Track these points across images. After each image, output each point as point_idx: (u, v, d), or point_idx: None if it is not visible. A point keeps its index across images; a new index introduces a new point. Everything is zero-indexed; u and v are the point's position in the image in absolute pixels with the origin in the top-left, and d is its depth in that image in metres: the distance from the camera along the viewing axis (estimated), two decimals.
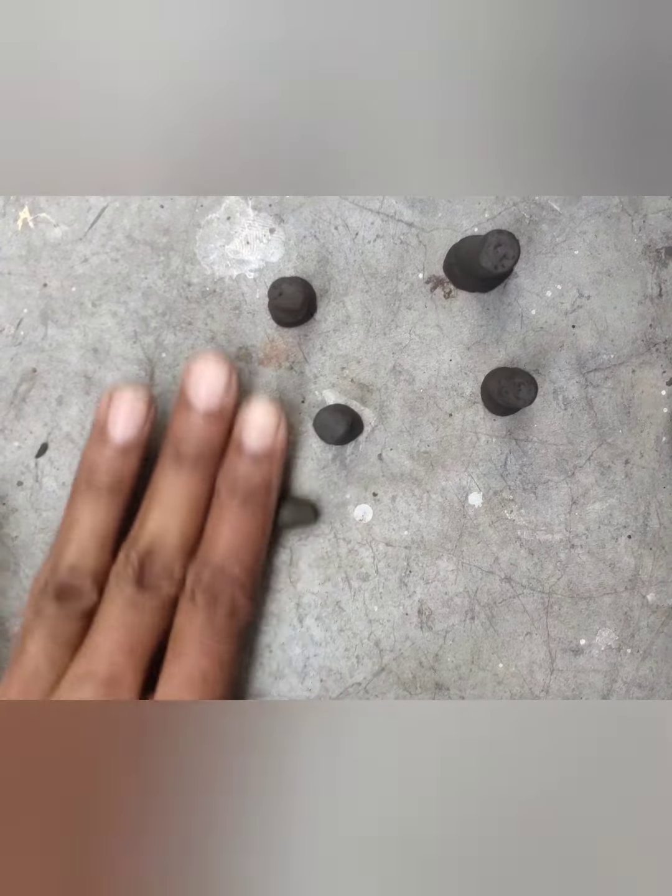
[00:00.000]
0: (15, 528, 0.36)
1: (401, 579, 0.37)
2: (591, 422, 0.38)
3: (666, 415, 0.38)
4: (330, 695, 0.37)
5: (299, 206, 0.37)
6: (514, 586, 0.38)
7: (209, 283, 0.37)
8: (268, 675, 0.37)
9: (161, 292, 0.37)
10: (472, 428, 0.37)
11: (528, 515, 0.38)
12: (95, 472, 0.32)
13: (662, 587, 0.38)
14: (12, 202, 0.36)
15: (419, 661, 0.37)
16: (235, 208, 0.37)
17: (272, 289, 0.33)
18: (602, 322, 0.38)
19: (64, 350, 0.36)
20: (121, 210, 0.36)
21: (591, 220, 0.38)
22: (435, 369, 0.37)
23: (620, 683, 0.38)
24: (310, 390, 0.37)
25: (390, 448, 0.37)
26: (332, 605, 0.37)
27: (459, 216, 0.37)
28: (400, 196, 0.37)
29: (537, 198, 0.38)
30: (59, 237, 0.36)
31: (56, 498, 0.36)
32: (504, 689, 0.37)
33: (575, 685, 0.38)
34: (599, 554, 0.38)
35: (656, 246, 0.38)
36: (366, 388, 0.37)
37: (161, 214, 0.37)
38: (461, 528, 0.37)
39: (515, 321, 0.38)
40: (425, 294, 0.37)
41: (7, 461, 0.36)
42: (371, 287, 0.37)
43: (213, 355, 0.33)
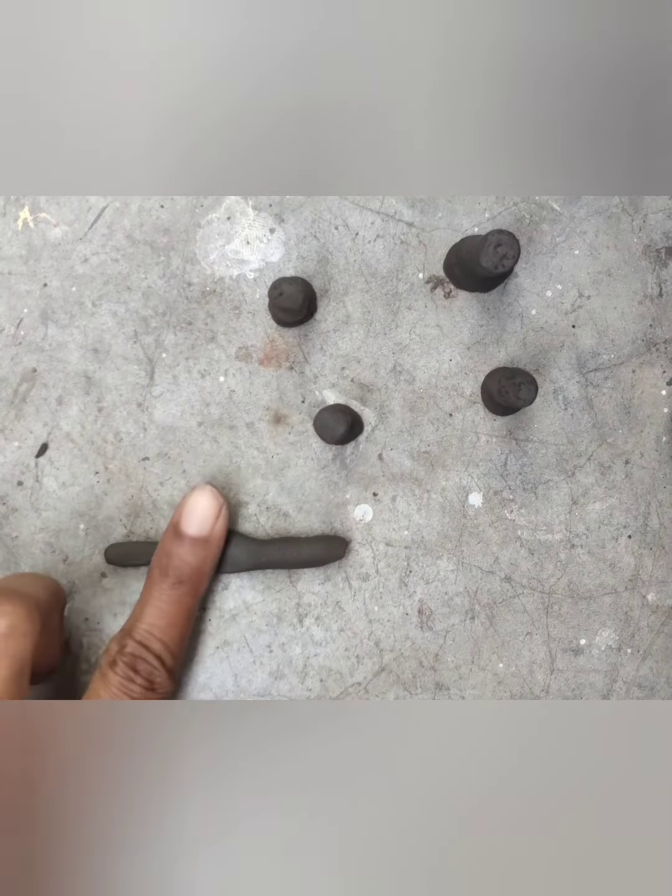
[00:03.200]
0: (15, 529, 0.36)
1: (401, 579, 0.37)
2: (592, 422, 0.38)
3: (666, 415, 0.38)
4: (330, 695, 0.37)
5: (299, 206, 0.37)
6: (515, 586, 0.38)
7: (209, 283, 0.37)
8: (268, 675, 0.37)
9: (161, 292, 0.37)
10: (472, 428, 0.37)
11: (528, 515, 0.38)
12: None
13: (662, 587, 0.38)
14: (12, 202, 0.36)
15: (419, 661, 0.37)
16: (235, 208, 0.37)
17: (272, 289, 0.33)
18: (602, 322, 0.38)
19: (64, 350, 0.36)
20: (121, 210, 0.36)
21: (591, 220, 0.38)
22: (435, 369, 0.37)
23: (620, 683, 0.38)
24: (310, 390, 0.37)
25: (390, 448, 0.37)
26: (332, 605, 0.37)
27: (460, 216, 0.37)
28: (400, 196, 0.37)
29: (537, 198, 0.38)
30: (59, 237, 0.36)
31: (56, 498, 0.36)
32: (504, 689, 0.37)
33: (575, 685, 0.38)
34: (599, 554, 0.38)
35: (656, 246, 0.38)
36: (366, 388, 0.37)
37: (161, 214, 0.37)
38: (461, 528, 0.37)
39: (516, 321, 0.38)
40: (425, 294, 0.37)
41: (7, 461, 0.36)
42: (371, 287, 0.37)
43: (208, 490, 0.34)
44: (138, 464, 0.37)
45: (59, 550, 0.36)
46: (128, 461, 0.37)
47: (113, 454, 0.36)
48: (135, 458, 0.37)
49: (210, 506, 0.34)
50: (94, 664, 0.36)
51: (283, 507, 0.37)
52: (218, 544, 0.34)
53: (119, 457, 0.36)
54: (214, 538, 0.34)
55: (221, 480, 0.37)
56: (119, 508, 0.36)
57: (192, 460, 0.37)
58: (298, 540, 0.36)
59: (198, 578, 0.33)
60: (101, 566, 0.36)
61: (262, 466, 0.37)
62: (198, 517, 0.33)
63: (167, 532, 0.34)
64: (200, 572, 0.33)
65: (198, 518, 0.33)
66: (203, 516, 0.33)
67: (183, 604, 0.33)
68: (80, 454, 0.36)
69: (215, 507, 0.34)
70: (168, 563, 0.33)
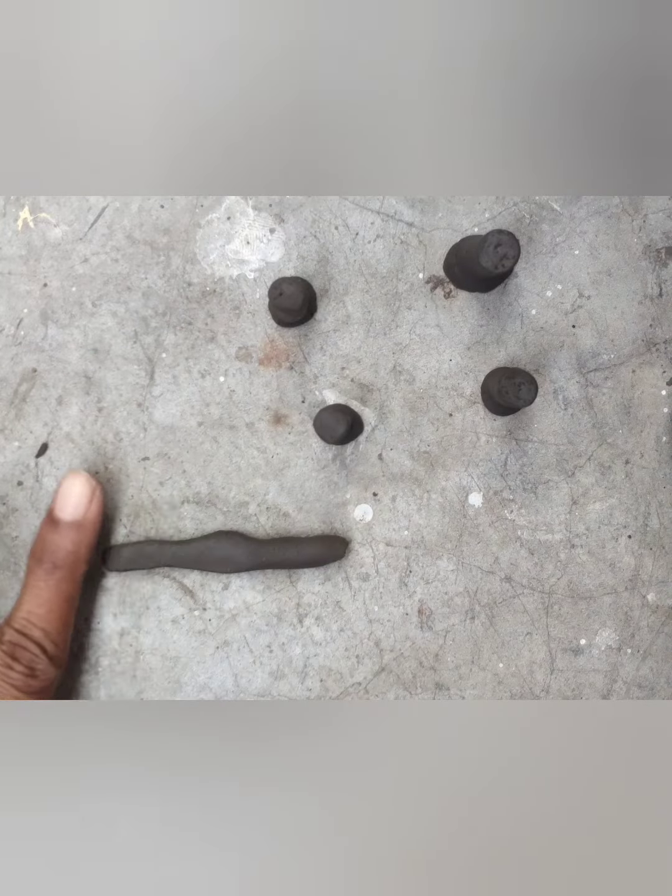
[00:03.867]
0: (15, 528, 0.36)
1: (401, 579, 0.37)
2: (592, 422, 0.38)
3: (666, 415, 0.38)
4: (330, 695, 0.37)
5: (299, 206, 0.37)
6: (515, 586, 0.37)
7: (209, 283, 0.37)
8: (268, 674, 0.37)
9: (161, 292, 0.37)
10: (472, 428, 0.37)
11: (528, 515, 0.38)
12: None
13: (662, 587, 0.38)
14: (12, 202, 0.36)
15: (419, 661, 0.37)
16: (235, 208, 0.37)
17: (272, 289, 0.33)
18: (602, 322, 0.38)
19: (64, 350, 0.36)
20: (121, 210, 0.36)
21: (591, 220, 0.38)
22: (435, 369, 0.37)
23: (620, 683, 0.38)
24: (310, 390, 0.37)
25: (390, 448, 0.37)
26: (332, 605, 0.37)
27: (460, 216, 0.37)
28: (400, 196, 0.37)
29: (537, 198, 0.38)
30: (59, 237, 0.36)
31: None
32: (504, 689, 0.37)
33: (575, 685, 0.38)
34: (599, 554, 0.38)
35: (656, 246, 0.38)
36: (366, 388, 0.37)
37: (161, 214, 0.37)
38: (461, 528, 0.37)
39: (515, 321, 0.38)
40: (425, 294, 0.37)
41: (7, 461, 0.36)
42: (371, 287, 0.37)
43: (81, 474, 0.34)
44: (138, 464, 0.37)
45: None
46: (128, 461, 0.37)
47: (113, 454, 0.36)
48: (135, 458, 0.37)
49: (83, 490, 0.34)
50: (93, 664, 0.36)
51: (283, 507, 0.37)
52: (93, 528, 0.34)
53: (119, 457, 0.36)
54: (88, 521, 0.34)
55: (221, 480, 0.37)
56: (119, 508, 0.36)
57: (192, 460, 0.37)
58: (298, 540, 0.36)
59: (73, 563, 0.33)
60: (100, 566, 0.36)
61: (262, 466, 0.37)
62: (71, 502, 0.33)
63: (43, 520, 0.34)
64: (76, 556, 0.33)
65: (71, 503, 0.33)
66: (76, 502, 0.33)
67: (61, 590, 0.33)
68: (80, 454, 0.36)
69: (88, 491, 0.34)
70: (43, 549, 0.33)
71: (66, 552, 0.33)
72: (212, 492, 0.37)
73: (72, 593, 0.34)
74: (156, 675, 0.36)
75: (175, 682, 0.37)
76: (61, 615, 0.33)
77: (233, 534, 0.36)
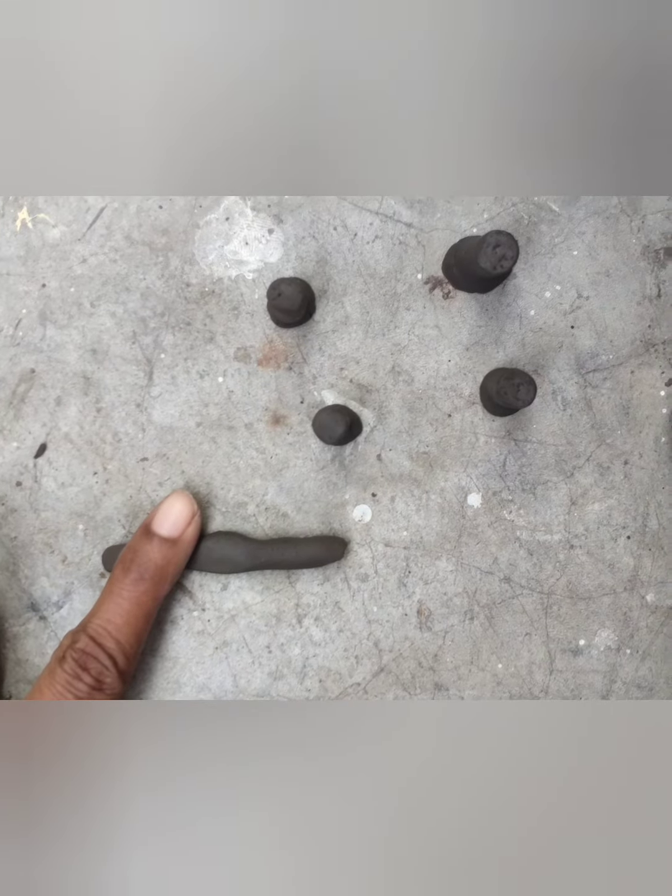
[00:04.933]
0: (14, 529, 0.36)
1: (400, 580, 0.37)
2: (590, 422, 0.38)
3: (665, 415, 0.38)
4: (329, 695, 0.37)
5: (298, 207, 0.37)
6: (514, 587, 0.37)
7: (208, 284, 0.37)
8: (267, 675, 0.37)
9: (160, 293, 0.37)
10: (471, 428, 0.37)
11: (527, 516, 0.38)
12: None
13: (662, 587, 0.38)
14: (11, 202, 0.36)
15: (418, 662, 0.37)
16: (234, 209, 0.37)
17: (271, 289, 0.33)
18: (601, 323, 0.38)
19: (62, 350, 0.36)
20: (119, 210, 0.36)
21: (589, 220, 0.38)
22: (434, 370, 0.37)
23: (620, 684, 0.38)
24: (308, 391, 0.37)
25: (389, 448, 0.37)
26: (331, 605, 0.37)
27: (458, 217, 0.37)
28: (399, 196, 0.37)
29: (536, 198, 0.38)
30: (57, 238, 0.36)
31: (55, 499, 0.36)
32: (503, 690, 0.37)
33: (574, 685, 0.38)
34: (599, 554, 0.38)
35: (655, 246, 0.38)
36: (365, 389, 0.37)
37: (160, 215, 0.37)
38: (460, 529, 0.37)
39: (514, 322, 0.38)
40: (424, 295, 0.37)
41: (6, 461, 0.36)
42: (370, 287, 0.37)
43: (185, 495, 0.34)
44: (137, 464, 0.37)
45: (58, 551, 0.36)
46: (126, 462, 0.36)
47: (111, 455, 0.36)
48: (133, 458, 0.37)
49: (183, 510, 0.34)
50: None
51: (281, 507, 0.37)
52: (186, 549, 0.34)
53: (118, 457, 0.36)
54: (184, 542, 0.33)
55: (220, 481, 0.37)
56: (118, 509, 0.36)
57: (191, 461, 0.37)
58: (297, 540, 0.36)
59: (160, 578, 0.33)
60: (99, 566, 0.36)
61: (261, 467, 0.37)
62: (171, 520, 0.33)
63: (137, 532, 0.34)
64: (164, 572, 0.33)
65: (170, 520, 0.33)
66: (175, 519, 0.33)
67: (142, 603, 0.32)
68: (79, 455, 0.36)
69: (188, 513, 0.34)
70: (133, 558, 0.33)
71: (155, 566, 0.33)
72: (210, 492, 0.37)
73: (151, 610, 0.33)
74: (155, 675, 0.36)
75: (174, 683, 0.36)
76: (137, 630, 0.32)
77: (232, 534, 0.36)
